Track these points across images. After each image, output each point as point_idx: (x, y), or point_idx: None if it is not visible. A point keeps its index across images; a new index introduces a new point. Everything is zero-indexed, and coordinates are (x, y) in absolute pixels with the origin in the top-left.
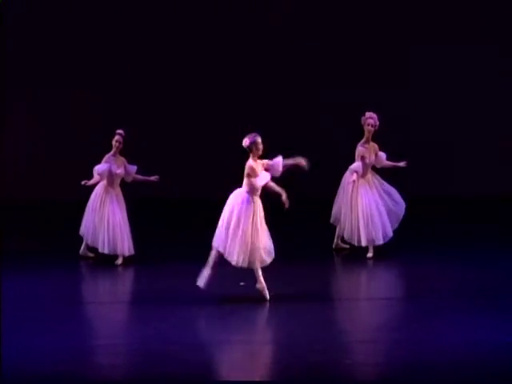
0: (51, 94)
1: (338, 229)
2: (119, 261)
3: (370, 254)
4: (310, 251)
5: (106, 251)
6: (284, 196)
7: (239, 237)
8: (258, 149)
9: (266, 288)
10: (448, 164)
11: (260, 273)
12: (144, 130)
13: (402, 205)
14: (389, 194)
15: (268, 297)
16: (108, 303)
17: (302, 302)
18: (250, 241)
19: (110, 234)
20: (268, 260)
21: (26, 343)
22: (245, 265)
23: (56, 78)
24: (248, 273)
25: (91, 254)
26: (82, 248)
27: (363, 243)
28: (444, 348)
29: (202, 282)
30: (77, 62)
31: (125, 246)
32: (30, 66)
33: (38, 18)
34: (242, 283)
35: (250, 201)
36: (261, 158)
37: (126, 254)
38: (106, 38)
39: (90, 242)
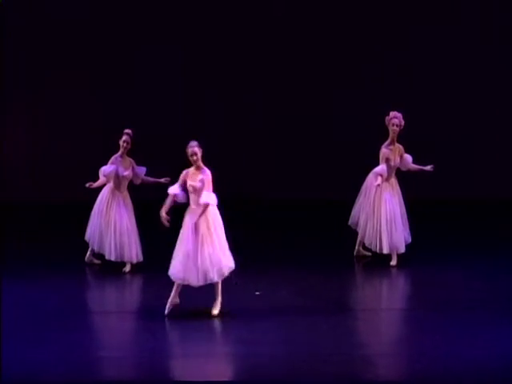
0: (53, 95)
1: (359, 235)
2: (127, 268)
3: (393, 262)
4: (329, 258)
5: (112, 258)
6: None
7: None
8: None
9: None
10: (471, 165)
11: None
12: (152, 131)
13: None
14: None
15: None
16: (115, 313)
17: (320, 312)
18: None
19: (117, 239)
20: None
21: (28, 354)
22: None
23: (57, 78)
24: (263, 282)
25: (97, 261)
26: (88, 254)
27: (385, 250)
28: (469, 362)
29: None
30: (78, 62)
31: (133, 252)
32: (29, 65)
33: (37, 17)
34: (257, 292)
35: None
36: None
37: (134, 260)
38: (109, 36)
39: (96, 249)
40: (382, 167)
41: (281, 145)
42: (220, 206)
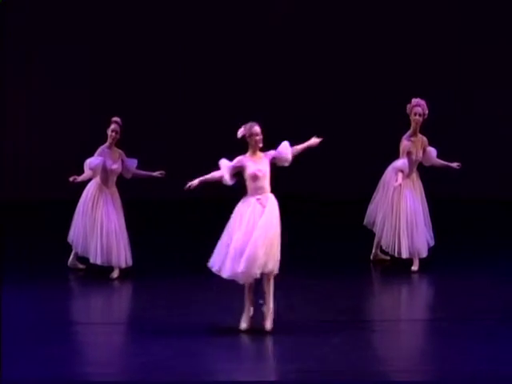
0: (52, 93)
1: (376, 236)
2: (115, 274)
3: (414, 268)
4: (344, 263)
5: (98, 262)
6: None
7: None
8: (255, 140)
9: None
10: (502, 163)
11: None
12: (150, 129)
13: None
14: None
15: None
16: (101, 324)
17: (334, 323)
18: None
19: (104, 241)
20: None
21: (4, 371)
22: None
23: (57, 78)
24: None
25: (82, 266)
26: (71, 258)
27: (404, 255)
28: (500, 380)
29: None
30: (77, 62)
31: (121, 256)
32: (29, 65)
33: (35, 17)
34: (261, 301)
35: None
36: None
37: (123, 265)
38: (106, 36)
39: (80, 252)
40: (403, 161)
41: (291, 139)
42: (222, 205)
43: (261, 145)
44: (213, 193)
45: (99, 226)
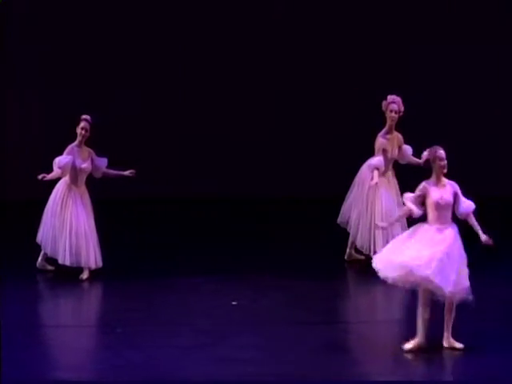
0: (52, 94)
1: (350, 236)
2: (84, 275)
3: None
4: (317, 263)
5: (67, 263)
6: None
7: None
8: (439, 165)
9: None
10: (477, 161)
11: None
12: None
13: None
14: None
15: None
16: (71, 327)
17: (309, 325)
18: None
19: (73, 242)
20: None
21: None
22: None
23: (57, 78)
24: (243, 290)
25: (50, 267)
26: (40, 259)
27: None
28: (480, 381)
29: None
30: (76, 62)
31: (91, 257)
32: (28, 65)
33: (33, 17)
34: (234, 302)
35: None
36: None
37: (93, 266)
38: (105, 36)
39: (49, 253)
40: (378, 159)
41: (263, 140)
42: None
43: (445, 170)
44: (180, 193)
45: (68, 226)
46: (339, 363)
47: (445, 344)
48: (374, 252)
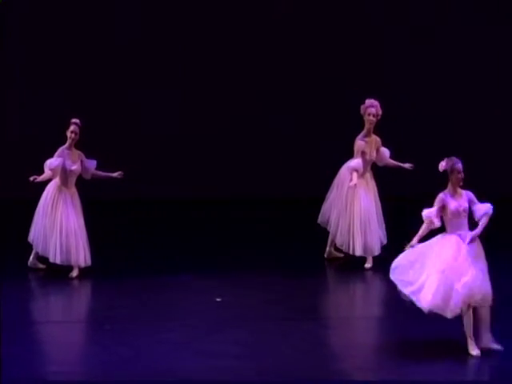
0: (51, 94)
1: (330, 235)
2: (74, 273)
3: (368, 265)
4: (297, 261)
5: (58, 261)
6: None
7: None
8: (456, 178)
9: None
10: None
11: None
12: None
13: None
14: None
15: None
16: (61, 323)
17: (290, 321)
18: None
19: (63, 241)
20: None
21: None
22: None
23: (56, 78)
24: (227, 288)
25: (42, 266)
26: (32, 258)
27: (358, 252)
28: (454, 374)
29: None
30: (75, 62)
31: (80, 255)
32: (28, 65)
33: (33, 17)
34: (218, 299)
35: None
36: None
37: (82, 265)
38: (105, 36)
39: (40, 251)
40: (357, 161)
41: (245, 141)
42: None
43: (462, 183)
44: (169, 195)
45: (58, 226)
46: (320, 358)
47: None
48: (353, 250)
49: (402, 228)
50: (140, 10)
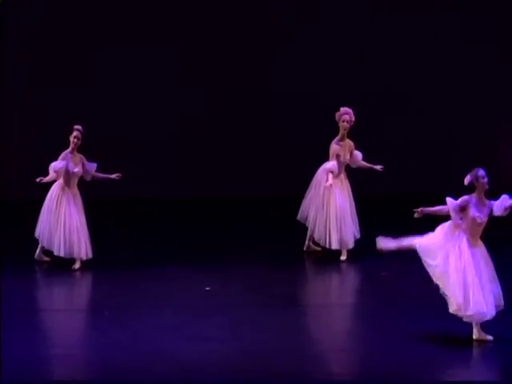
0: (50, 94)
1: (309, 230)
2: (76, 265)
3: (343, 257)
4: (279, 254)
5: (61, 254)
6: None
7: None
8: (482, 183)
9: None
10: (417, 163)
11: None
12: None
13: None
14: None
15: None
16: (64, 311)
17: (271, 308)
18: None
19: (67, 236)
20: None
21: None
22: None
23: (56, 78)
24: (214, 278)
25: (47, 258)
26: (38, 252)
27: (333, 246)
28: (421, 356)
29: None
30: (75, 62)
31: (82, 249)
32: (27, 65)
33: (34, 17)
34: (207, 288)
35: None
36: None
37: (84, 257)
38: (104, 36)
39: (45, 245)
40: (332, 163)
41: (230, 142)
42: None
43: (487, 187)
44: (167, 195)
45: (62, 222)
46: (298, 341)
47: (474, 337)
48: (329, 244)
49: (373, 223)
50: (140, 11)
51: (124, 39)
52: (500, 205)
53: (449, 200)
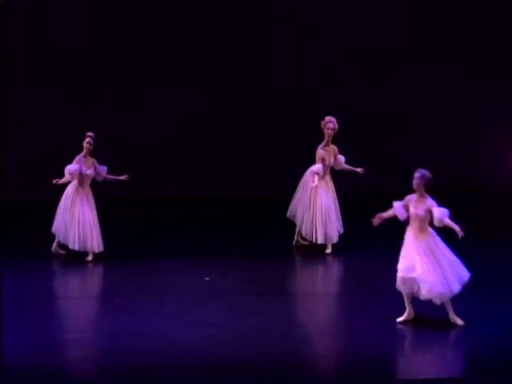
0: (50, 94)
1: (297, 226)
2: (89, 257)
3: (328, 251)
4: (271, 248)
5: (76, 247)
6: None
7: None
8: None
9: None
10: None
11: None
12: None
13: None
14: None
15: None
16: (78, 298)
17: (263, 297)
18: None
19: (81, 231)
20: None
21: None
22: None
23: (56, 78)
24: (213, 270)
25: (63, 252)
26: (54, 245)
27: (319, 241)
28: (397, 338)
29: None
30: (75, 62)
31: (94, 243)
32: (27, 65)
33: (34, 17)
34: (206, 278)
35: None
36: None
37: (96, 250)
38: (104, 36)
39: (61, 240)
40: (318, 166)
41: (230, 141)
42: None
43: (414, 187)
44: (167, 194)
45: (77, 219)
46: (287, 326)
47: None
48: (315, 239)
49: (355, 220)
50: (141, 12)
51: (124, 39)
52: (439, 215)
53: (395, 203)
